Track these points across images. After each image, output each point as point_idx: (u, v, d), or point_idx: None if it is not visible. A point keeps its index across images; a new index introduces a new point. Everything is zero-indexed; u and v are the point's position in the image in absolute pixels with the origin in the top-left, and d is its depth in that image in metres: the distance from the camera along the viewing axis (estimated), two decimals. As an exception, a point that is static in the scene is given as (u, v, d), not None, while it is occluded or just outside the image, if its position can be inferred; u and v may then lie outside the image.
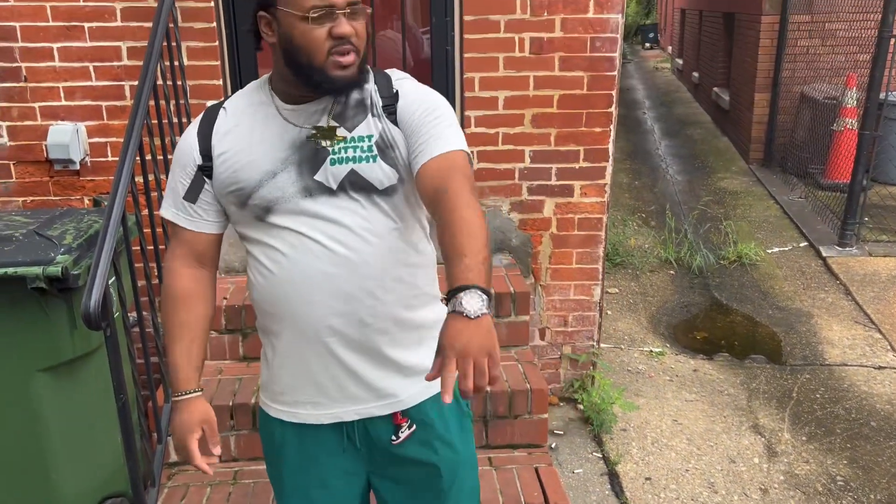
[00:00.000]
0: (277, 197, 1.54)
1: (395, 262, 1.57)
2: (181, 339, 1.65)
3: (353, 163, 1.53)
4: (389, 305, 1.57)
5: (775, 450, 3.35)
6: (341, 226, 1.53)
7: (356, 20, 1.48)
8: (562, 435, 3.46)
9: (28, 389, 2.33)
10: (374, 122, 1.55)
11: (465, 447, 1.73)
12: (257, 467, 2.81)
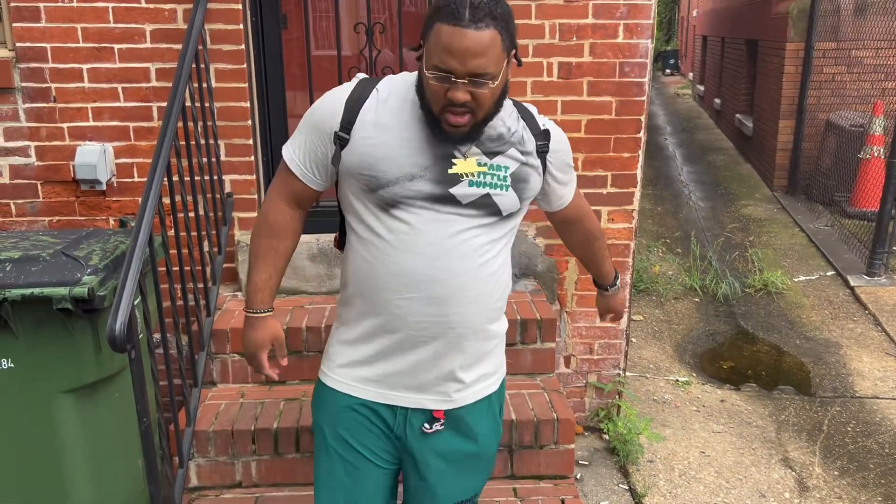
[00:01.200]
0: (409, 197, 1.65)
1: (488, 277, 1.72)
2: (266, 262, 1.80)
3: (490, 188, 1.68)
4: (475, 316, 1.72)
5: (807, 484, 3.26)
6: (455, 235, 1.67)
7: (479, 88, 1.55)
8: (587, 465, 3.39)
9: (50, 411, 2.31)
10: (518, 155, 1.72)
11: (486, 444, 1.87)
12: (279, 493, 2.77)
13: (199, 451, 2.76)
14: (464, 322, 1.71)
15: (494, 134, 1.69)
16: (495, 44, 1.52)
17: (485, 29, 1.50)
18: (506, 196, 1.70)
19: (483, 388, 1.82)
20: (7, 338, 2.23)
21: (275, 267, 1.81)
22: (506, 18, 1.55)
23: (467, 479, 1.87)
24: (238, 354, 3.01)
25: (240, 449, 2.76)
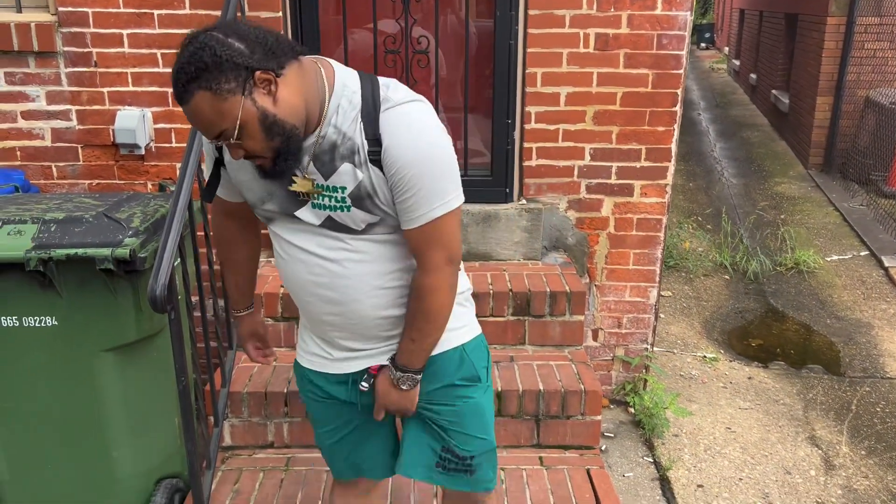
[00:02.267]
0: (274, 214, 1.69)
1: (378, 275, 1.68)
2: (229, 271, 1.99)
3: (330, 210, 1.62)
4: (375, 308, 1.71)
5: (833, 463, 3.26)
6: (326, 245, 1.66)
7: (234, 144, 1.50)
8: (612, 438, 3.42)
9: (92, 368, 2.38)
10: (354, 171, 1.58)
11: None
12: (310, 455, 2.83)
13: (233, 411, 2.83)
14: (361, 317, 1.71)
15: (327, 145, 1.57)
16: (209, 103, 1.43)
17: (192, 98, 1.43)
18: (351, 215, 1.61)
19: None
20: (51, 296, 2.29)
21: (238, 273, 1.99)
22: (208, 68, 1.41)
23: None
24: (271, 319, 3.06)
25: (272, 410, 2.83)
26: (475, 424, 1.87)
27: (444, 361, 1.80)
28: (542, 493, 2.63)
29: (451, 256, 1.64)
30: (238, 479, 2.69)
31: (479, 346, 1.87)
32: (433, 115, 1.60)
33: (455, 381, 1.82)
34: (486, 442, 1.90)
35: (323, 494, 2.60)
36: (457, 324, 1.79)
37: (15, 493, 2.49)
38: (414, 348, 1.71)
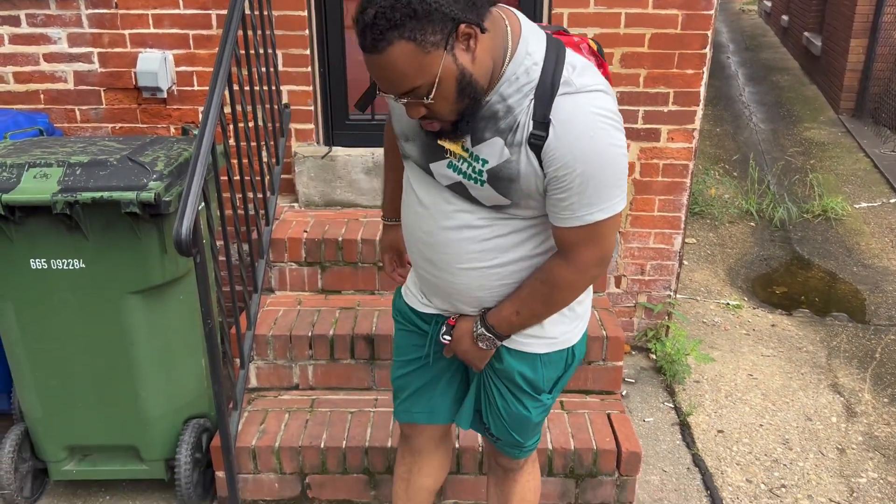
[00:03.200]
0: (409, 155, 1.63)
1: (483, 257, 1.60)
2: (389, 180, 1.98)
3: (463, 178, 1.52)
4: (468, 288, 1.66)
5: (854, 410, 3.26)
6: (437, 216, 1.60)
7: (421, 102, 1.38)
8: (633, 383, 3.43)
9: (120, 311, 2.42)
10: (503, 149, 1.45)
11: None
12: (334, 396, 2.88)
13: (258, 354, 2.87)
14: (452, 288, 1.67)
15: (488, 112, 1.44)
16: (410, 56, 1.29)
17: (389, 47, 1.28)
18: (482, 191, 1.50)
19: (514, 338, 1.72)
20: (78, 239, 2.32)
21: (396, 182, 1.90)
22: (417, 16, 1.26)
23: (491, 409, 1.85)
24: (294, 263, 3.08)
25: (297, 353, 2.87)
26: (516, 427, 1.83)
27: (528, 358, 1.73)
28: (563, 436, 2.66)
29: (603, 258, 1.53)
30: (264, 420, 2.74)
31: (560, 359, 1.75)
32: (615, 108, 1.43)
33: (517, 379, 1.75)
34: (517, 442, 1.87)
35: (347, 433, 2.65)
36: (554, 332, 1.71)
37: (48, 431, 2.56)
38: (514, 321, 1.63)
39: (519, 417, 1.80)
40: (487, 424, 1.86)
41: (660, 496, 2.74)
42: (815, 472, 2.88)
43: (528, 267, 1.62)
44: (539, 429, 1.91)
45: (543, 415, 1.84)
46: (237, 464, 2.61)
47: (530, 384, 1.75)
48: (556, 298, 1.59)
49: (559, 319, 1.70)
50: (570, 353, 1.77)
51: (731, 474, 2.86)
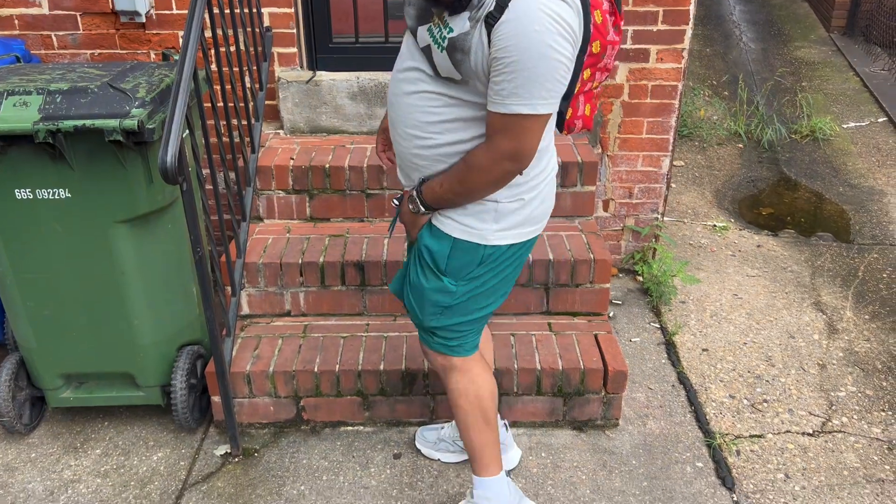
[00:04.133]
0: (406, 19, 1.76)
1: (428, 127, 1.77)
2: None
3: (432, 42, 1.67)
4: (404, 150, 1.86)
5: (836, 327, 3.33)
6: (410, 71, 1.76)
7: None
8: (620, 305, 3.49)
9: (108, 240, 2.41)
10: (465, 21, 1.60)
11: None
12: (325, 322, 2.91)
13: (249, 281, 2.89)
14: (400, 154, 1.89)
15: None
16: None
17: None
18: (440, 57, 1.66)
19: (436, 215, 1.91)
20: (63, 169, 2.29)
21: None
22: None
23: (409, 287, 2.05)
24: (282, 191, 3.07)
25: (288, 280, 2.89)
26: (415, 297, 2.02)
27: (440, 235, 1.90)
28: (550, 356, 2.71)
29: (517, 153, 1.68)
30: (257, 346, 2.78)
31: (471, 250, 1.90)
32: (569, 19, 1.55)
33: (423, 252, 1.94)
34: (417, 317, 2.05)
35: (340, 357, 2.69)
36: (473, 223, 1.87)
37: (42, 360, 2.59)
38: (437, 191, 1.82)
39: (418, 287, 1.99)
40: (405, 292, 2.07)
41: (645, 412, 2.82)
42: (796, 387, 2.96)
43: (462, 152, 1.78)
44: (440, 320, 2.01)
45: (441, 298, 1.97)
46: (232, 388, 2.66)
47: (433, 259, 1.93)
48: (471, 179, 1.75)
49: (479, 213, 1.85)
50: (485, 252, 1.90)
51: (715, 390, 2.94)
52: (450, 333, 2.04)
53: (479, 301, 1.99)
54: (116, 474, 2.56)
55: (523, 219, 1.89)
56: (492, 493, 2.17)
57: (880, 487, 2.50)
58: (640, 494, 2.46)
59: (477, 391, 2.09)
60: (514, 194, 1.84)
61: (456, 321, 2.01)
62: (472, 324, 2.04)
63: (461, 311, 1.99)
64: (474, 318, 2.02)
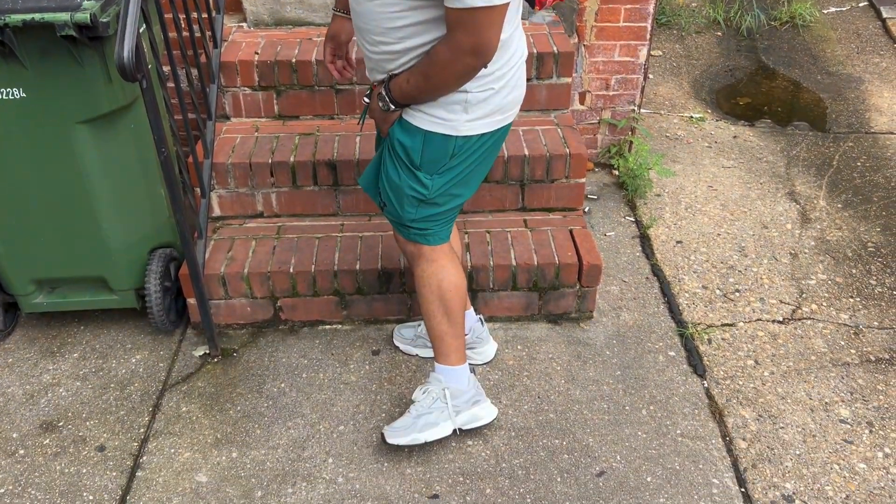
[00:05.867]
0: None
1: (390, 30, 1.76)
2: None
3: None
4: (373, 56, 1.86)
5: (809, 216, 3.36)
6: None
7: None
8: (595, 199, 3.48)
9: (69, 142, 2.33)
10: None
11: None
12: (299, 223, 2.88)
13: (219, 182, 2.83)
14: (368, 58, 1.89)
15: None
16: None
17: None
18: None
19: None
20: (15, 67, 2.18)
21: None
22: None
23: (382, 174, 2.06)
24: (248, 88, 2.96)
25: (259, 181, 2.83)
26: (393, 193, 2.03)
27: (411, 130, 1.89)
28: (526, 252, 2.72)
29: (477, 48, 1.67)
30: (231, 248, 2.75)
31: (442, 142, 1.89)
32: None
33: (396, 147, 1.94)
34: (396, 212, 2.06)
35: (316, 258, 2.68)
36: (443, 114, 1.85)
37: (11, 266, 2.55)
38: (404, 87, 1.82)
39: (394, 185, 2.00)
40: (379, 189, 2.08)
41: (619, 304, 2.86)
42: (767, 276, 3.01)
43: (410, 34, 1.77)
44: (417, 212, 2.03)
45: (417, 192, 1.98)
46: (208, 290, 2.64)
47: (407, 154, 1.93)
48: (435, 75, 1.76)
49: (449, 105, 1.84)
50: (456, 143, 1.89)
51: (688, 282, 2.98)
52: (425, 224, 2.06)
53: (453, 191, 2.01)
54: (95, 377, 2.57)
55: (494, 108, 1.88)
56: (444, 377, 2.23)
57: (845, 370, 2.58)
58: (613, 383, 2.52)
59: (440, 282, 2.12)
60: (483, 84, 1.83)
61: (431, 212, 2.03)
62: (445, 214, 2.06)
63: (436, 202, 2.01)
64: (448, 208, 2.05)
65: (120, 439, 2.35)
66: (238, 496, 2.17)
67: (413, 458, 2.27)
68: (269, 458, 2.28)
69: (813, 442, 2.33)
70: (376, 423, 2.38)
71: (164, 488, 2.20)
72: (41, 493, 2.19)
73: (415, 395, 2.26)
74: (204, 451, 2.31)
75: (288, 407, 2.45)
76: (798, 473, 2.23)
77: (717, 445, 2.31)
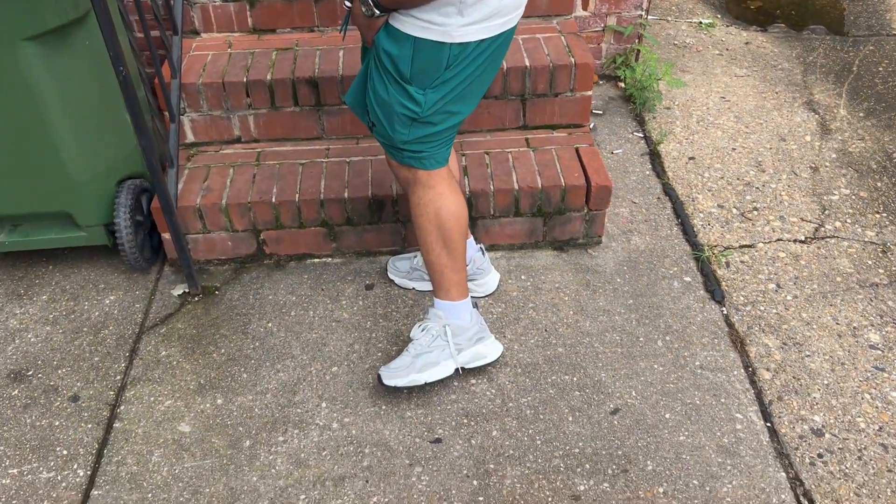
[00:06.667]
0: None
1: None
2: None
3: None
4: None
5: (829, 127, 3.13)
6: None
7: None
8: (601, 115, 3.23)
9: (16, 62, 2.07)
10: None
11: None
12: (281, 148, 2.64)
13: (190, 105, 2.58)
14: None
15: None
16: None
17: None
18: None
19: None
20: (-57, -23, 1.91)
21: None
22: None
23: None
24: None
25: (234, 103, 2.58)
26: (382, 110, 1.80)
27: (398, 37, 1.67)
28: (529, 175, 2.49)
29: None
30: (207, 176, 2.52)
31: (435, 51, 1.66)
32: None
33: (382, 57, 1.71)
34: (386, 132, 1.84)
35: (300, 186, 2.46)
36: (435, 18, 1.62)
37: (-32, 203, 2.32)
38: None
39: (382, 102, 1.78)
40: (367, 107, 1.86)
41: (629, 228, 2.66)
42: (787, 192, 2.80)
43: None
44: (410, 132, 1.81)
45: (408, 110, 1.76)
46: (184, 224, 2.43)
47: (395, 65, 1.71)
48: None
49: (442, 7, 1.61)
50: (451, 52, 1.67)
51: (703, 201, 2.77)
52: (419, 146, 1.83)
53: (449, 108, 1.77)
54: (67, 321, 2.38)
55: (492, 10, 1.64)
56: (444, 313, 2.04)
57: (874, 292, 2.40)
58: (625, 313, 2.34)
59: (437, 209, 1.91)
60: None
61: (425, 132, 1.80)
62: (442, 134, 1.83)
63: (430, 121, 1.78)
64: (445, 127, 1.81)
65: (95, 388, 2.17)
66: (225, 446, 2.01)
67: (413, 399, 2.11)
68: (258, 405, 2.11)
69: (842, 370, 2.16)
70: (372, 364, 2.21)
71: (144, 440, 2.03)
72: (10, 449, 2.02)
73: (413, 332, 2.08)
74: (186, 398, 2.14)
75: (276, 348, 2.27)
76: (827, 405, 2.07)
77: (739, 377, 2.15)
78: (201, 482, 1.93)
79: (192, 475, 1.95)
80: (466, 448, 1.98)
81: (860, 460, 1.94)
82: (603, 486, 1.89)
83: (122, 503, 1.89)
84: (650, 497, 1.87)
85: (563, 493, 1.88)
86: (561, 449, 1.97)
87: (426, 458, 1.96)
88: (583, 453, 1.96)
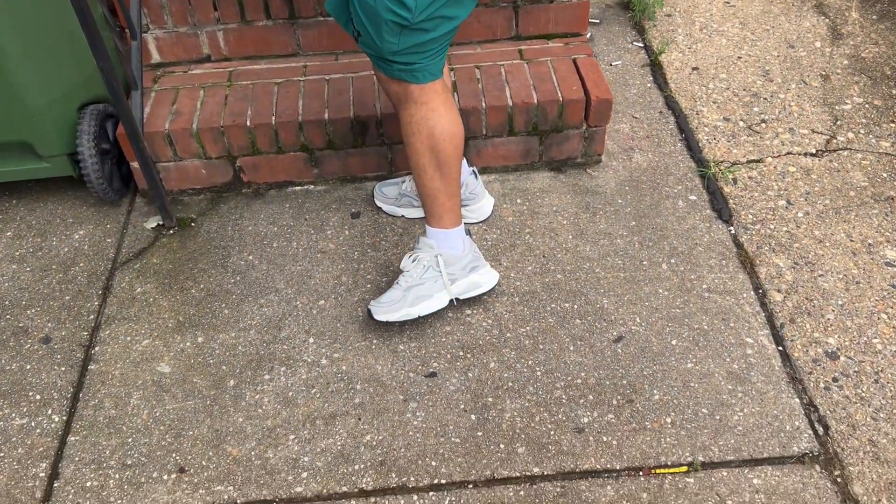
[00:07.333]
0: None
1: None
2: None
3: None
4: None
5: (840, 31, 2.94)
6: None
7: None
8: (598, 24, 3.03)
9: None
10: None
11: None
12: (254, 67, 2.45)
13: (154, 21, 2.37)
14: None
15: None
16: None
17: None
18: None
19: None
20: None
21: None
22: None
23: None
24: None
25: (201, 17, 2.37)
26: (367, 17, 1.61)
27: None
28: (524, 89, 2.32)
29: None
30: (175, 99, 2.33)
31: None
32: None
33: None
34: (373, 41, 1.65)
35: (276, 108, 2.28)
36: None
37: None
38: None
39: (367, 7, 1.59)
40: (351, 14, 1.68)
41: (630, 145, 2.50)
42: (797, 102, 2.63)
43: None
44: (399, 41, 1.63)
45: (397, 15, 1.56)
46: (153, 151, 2.26)
47: None
48: None
49: None
50: None
51: (708, 114, 2.61)
52: (410, 56, 1.66)
53: (444, 11, 1.59)
54: (34, 258, 2.23)
55: None
56: (437, 242, 1.91)
57: (890, 206, 2.27)
58: (627, 235, 2.21)
59: (431, 129, 1.75)
60: None
61: (417, 41, 1.62)
62: (435, 42, 1.65)
63: (423, 27, 1.59)
64: (438, 34, 1.63)
65: (67, 329, 2.04)
66: (207, 386, 1.90)
67: (405, 332, 1.99)
68: (241, 342, 1.99)
69: (857, 290, 2.05)
70: (361, 296, 2.08)
71: (122, 382, 1.92)
72: (-20, 397, 1.91)
73: (403, 263, 1.94)
74: (165, 337, 2.01)
75: (258, 282, 2.13)
76: (841, 326, 1.97)
77: (748, 300, 2.03)
78: (184, 424, 1.83)
79: (173, 417, 1.84)
80: (463, 381, 1.88)
81: (877, 383, 1.84)
82: (608, 418, 1.80)
83: (101, 448, 1.79)
84: (657, 427, 1.78)
85: (565, 425, 1.79)
86: (562, 380, 1.87)
87: (421, 394, 1.86)
88: (585, 384, 1.86)
